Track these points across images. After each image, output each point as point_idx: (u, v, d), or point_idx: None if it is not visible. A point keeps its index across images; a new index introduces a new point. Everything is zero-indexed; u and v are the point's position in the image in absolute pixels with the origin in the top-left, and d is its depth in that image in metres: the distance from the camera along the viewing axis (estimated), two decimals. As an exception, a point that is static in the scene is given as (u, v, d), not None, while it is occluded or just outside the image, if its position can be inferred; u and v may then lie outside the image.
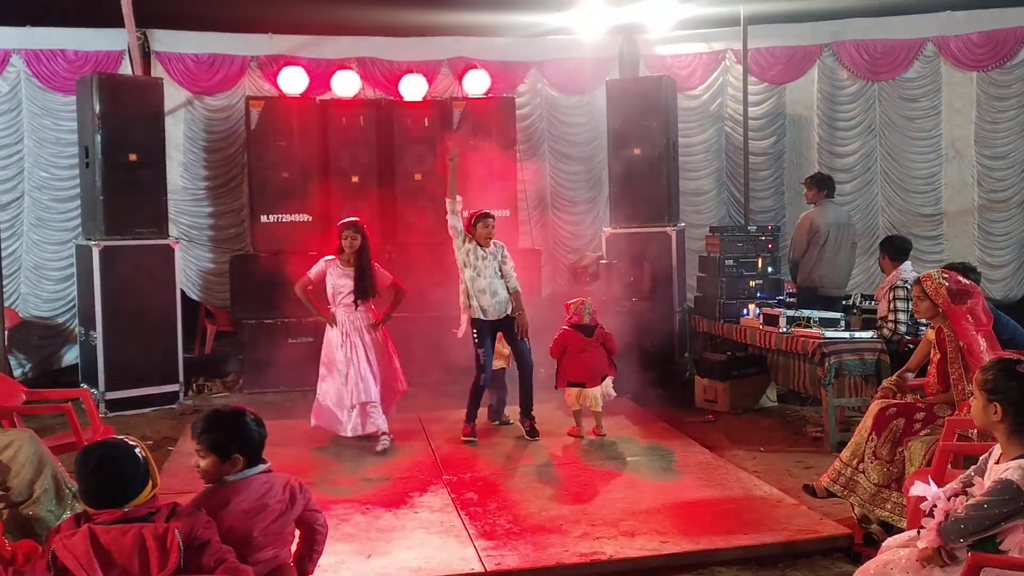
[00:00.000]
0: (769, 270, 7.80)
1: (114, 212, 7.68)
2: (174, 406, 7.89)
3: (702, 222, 9.44)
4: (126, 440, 2.79)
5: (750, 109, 9.31)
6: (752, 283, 7.70)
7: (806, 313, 6.74)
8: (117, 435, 2.94)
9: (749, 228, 8.04)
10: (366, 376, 6.27)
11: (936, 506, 2.98)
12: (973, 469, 3.13)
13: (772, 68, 9.65)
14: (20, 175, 8.63)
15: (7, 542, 3.02)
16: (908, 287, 6.08)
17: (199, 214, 9.04)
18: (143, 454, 2.76)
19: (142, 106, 7.87)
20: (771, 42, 9.53)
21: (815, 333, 6.38)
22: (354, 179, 8.59)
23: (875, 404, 4.63)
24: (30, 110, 8.60)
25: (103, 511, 2.66)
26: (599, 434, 6.44)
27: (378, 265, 6.56)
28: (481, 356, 6.38)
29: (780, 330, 6.71)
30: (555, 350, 6.49)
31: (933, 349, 4.66)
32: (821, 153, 9.70)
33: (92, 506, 2.68)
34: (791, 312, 6.83)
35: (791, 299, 7.73)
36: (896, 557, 3.05)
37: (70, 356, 8.70)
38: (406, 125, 8.70)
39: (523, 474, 5.66)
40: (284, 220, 8.41)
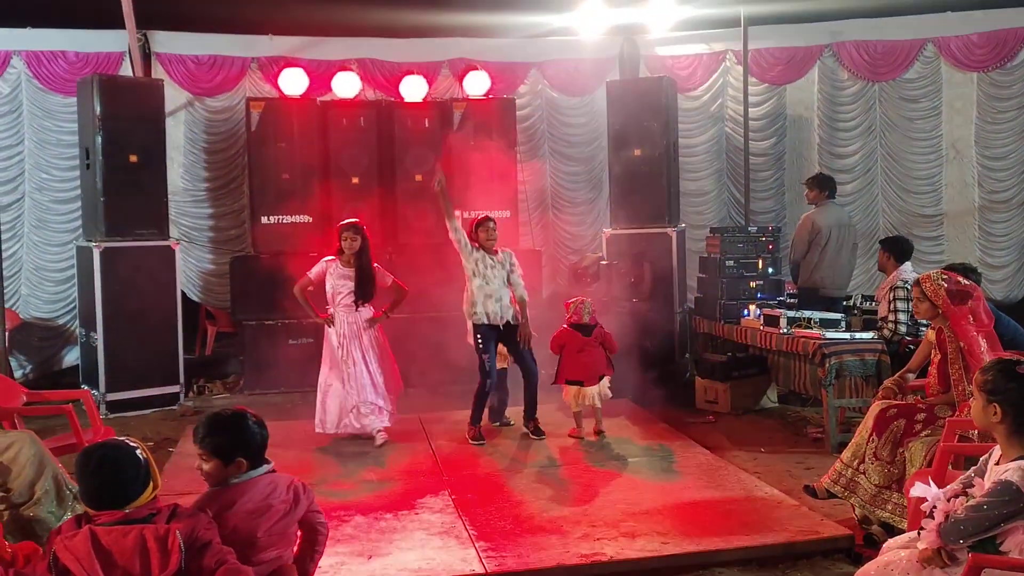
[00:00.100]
0: (770, 271, 7.80)
1: (115, 213, 7.68)
2: (175, 407, 7.89)
3: (702, 223, 9.44)
4: (127, 441, 2.79)
5: (750, 110, 9.31)
6: (753, 284, 7.69)
7: (807, 314, 6.73)
8: (118, 436, 2.95)
9: (750, 229, 8.04)
10: (364, 377, 6.31)
11: (936, 507, 2.98)
12: (973, 470, 3.13)
13: (772, 69, 9.65)
14: (21, 176, 8.63)
15: (8, 544, 3.03)
16: (908, 288, 6.08)
17: (200, 215, 9.04)
18: (144, 455, 2.76)
19: (143, 107, 7.88)
20: (771, 43, 9.54)
21: (816, 334, 6.37)
22: (354, 180, 8.58)
23: (876, 405, 4.62)
24: (31, 111, 8.60)
25: (104, 512, 2.66)
26: (599, 431, 6.46)
27: (378, 266, 6.56)
28: (486, 361, 6.37)
29: (781, 331, 6.71)
30: (554, 347, 6.53)
31: (934, 350, 4.65)
32: (821, 154, 9.70)
33: (93, 507, 2.69)
34: (792, 313, 6.81)
35: (792, 300, 7.72)
36: (897, 558, 3.05)
37: (71, 357, 8.71)
38: (406, 126, 8.70)
39: (524, 475, 5.65)
40: (285, 221, 8.41)
